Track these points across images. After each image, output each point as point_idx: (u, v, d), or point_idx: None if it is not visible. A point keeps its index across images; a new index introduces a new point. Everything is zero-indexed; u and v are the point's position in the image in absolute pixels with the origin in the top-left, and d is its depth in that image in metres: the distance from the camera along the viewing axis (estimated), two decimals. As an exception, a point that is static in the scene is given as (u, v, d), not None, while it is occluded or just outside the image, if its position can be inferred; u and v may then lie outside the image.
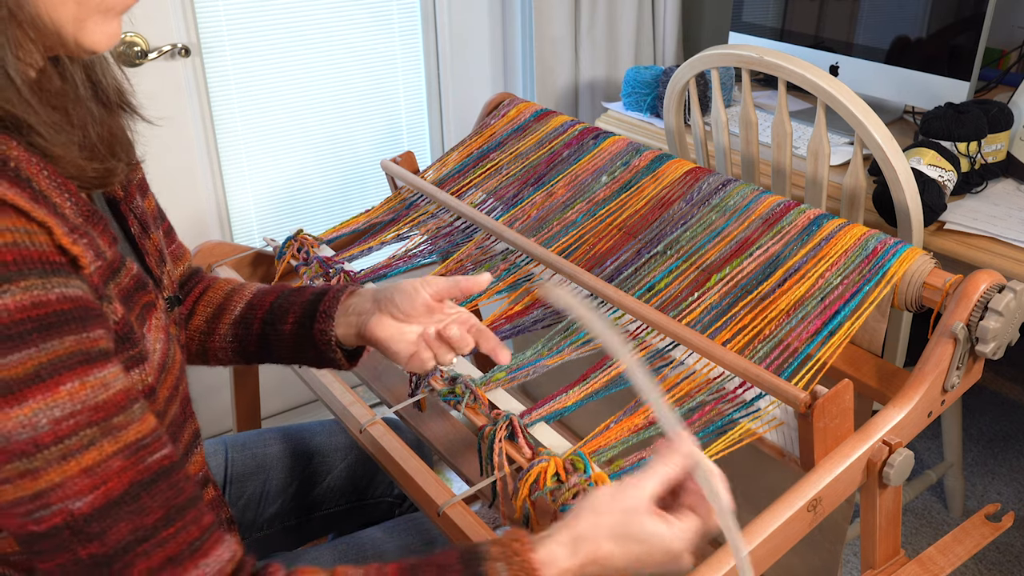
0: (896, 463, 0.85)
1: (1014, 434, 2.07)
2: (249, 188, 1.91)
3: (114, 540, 0.58)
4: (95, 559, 0.58)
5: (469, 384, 0.95)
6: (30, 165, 0.59)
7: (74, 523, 0.56)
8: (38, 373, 0.54)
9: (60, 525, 0.56)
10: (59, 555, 0.57)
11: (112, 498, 0.57)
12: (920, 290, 0.94)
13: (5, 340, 0.53)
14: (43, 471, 0.55)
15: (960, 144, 1.40)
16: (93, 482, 0.57)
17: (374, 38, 1.95)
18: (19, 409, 0.54)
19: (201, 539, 0.62)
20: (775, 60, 1.28)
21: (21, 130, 0.59)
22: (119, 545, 0.58)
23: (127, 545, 0.58)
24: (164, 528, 0.60)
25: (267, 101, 1.86)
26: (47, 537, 0.57)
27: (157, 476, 0.60)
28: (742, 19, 1.98)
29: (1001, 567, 1.70)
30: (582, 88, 2.15)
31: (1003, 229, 1.33)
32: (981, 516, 1.04)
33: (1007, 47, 1.90)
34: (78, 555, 0.57)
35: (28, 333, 0.54)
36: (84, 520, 0.57)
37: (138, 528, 0.59)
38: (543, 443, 0.88)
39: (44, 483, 0.55)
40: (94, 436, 0.57)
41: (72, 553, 0.57)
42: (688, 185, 1.16)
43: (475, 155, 1.41)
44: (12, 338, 0.53)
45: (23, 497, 0.56)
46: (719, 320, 0.97)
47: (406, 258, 1.26)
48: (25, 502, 0.56)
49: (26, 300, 0.54)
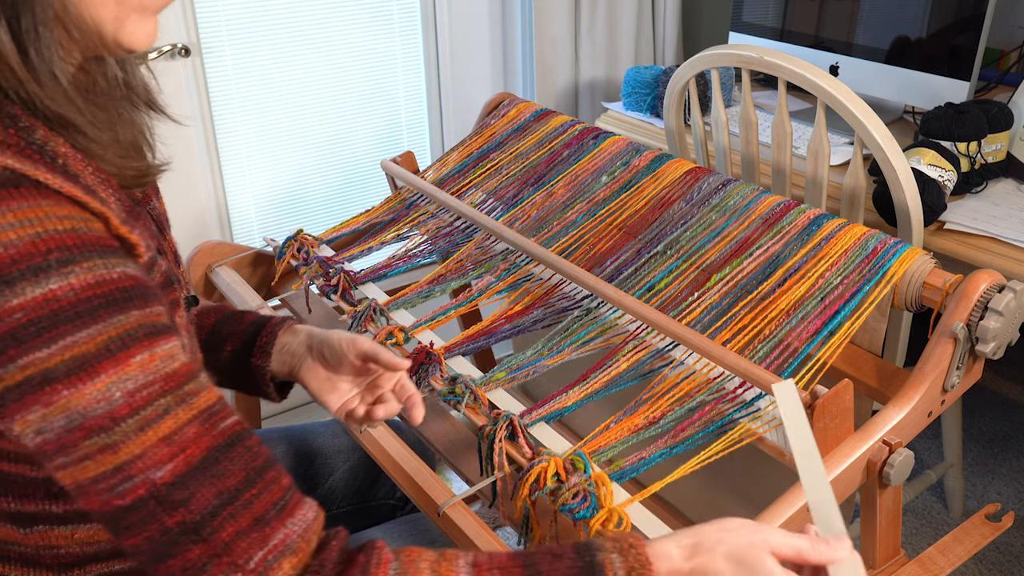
0: (896, 463, 0.85)
1: (1014, 434, 2.07)
2: (249, 188, 1.91)
3: (200, 505, 0.59)
4: (184, 526, 0.58)
5: (469, 384, 0.95)
6: (76, 162, 0.61)
7: (158, 492, 0.57)
8: (108, 347, 0.56)
9: (145, 496, 0.57)
10: (147, 527, 0.58)
11: (192, 464, 0.59)
12: (920, 290, 0.94)
13: (74, 318, 0.55)
14: (122, 444, 0.56)
15: (960, 144, 1.40)
16: (172, 450, 0.58)
17: (374, 38, 1.95)
18: (92, 385, 0.55)
19: (284, 499, 0.63)
20: (775, 60, 1.28)
21: (66, 128, 0.61)
22: (206, 510, 0.59)
23: (213, 509, 0.59)
24: (247, 490, 0.61)
25: (267, 101, 1.86)
26: (133, 510, 0.58)
27: (232, 440, 0.61)
28: (742, 19, 1.98)
29: (1001, 567, 1.70)
30: (582, 88, 2.16)
31: (1003, 229, 1.33)
32: (981, 516, 1.04)
33: (1007, 47, 1.90)
34: (166, 524, 0.58)
35: (96, 309, 0.55)
36: (167, 488, 0.58)
37: (222, 492, 0.60)
38: (543, 443, 0.88)
39: (124, 455, 0.56)
40: (168, 405, 0.58)
41: (160, 523, 0.58)
42: (688, 185, 1.16)
43: (475, 155, 1.41)
44: (81, 315, 0.55)
45: (105, 472, 0.57)
46: (719, 320, 0.97)
47: (406, 258, 1.26)
48: (107, 477, 0.57)
49: (91, 278, 0.56)
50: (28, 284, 0.54)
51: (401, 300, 1.15)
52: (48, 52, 0.58)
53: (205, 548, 0.59)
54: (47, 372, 0.54)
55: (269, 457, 0.63)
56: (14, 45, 0.56)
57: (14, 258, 0.54)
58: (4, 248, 0.54)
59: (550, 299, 1.10)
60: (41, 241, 0.55)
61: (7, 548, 0.68)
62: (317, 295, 1.27)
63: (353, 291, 1.19)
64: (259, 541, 0.61)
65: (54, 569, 0.69)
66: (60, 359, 0.54)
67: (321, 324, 1.26)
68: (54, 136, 0.60)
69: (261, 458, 0.63)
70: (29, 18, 0.56)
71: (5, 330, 0.54)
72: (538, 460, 0.83)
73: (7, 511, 0.65)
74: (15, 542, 0.67)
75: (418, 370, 1.00)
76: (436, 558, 0.65)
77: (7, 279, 0.54)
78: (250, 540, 0.60)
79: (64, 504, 0.66)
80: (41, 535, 0.67)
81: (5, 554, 0.68)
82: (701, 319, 0.98)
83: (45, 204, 0.56)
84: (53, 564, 0.69)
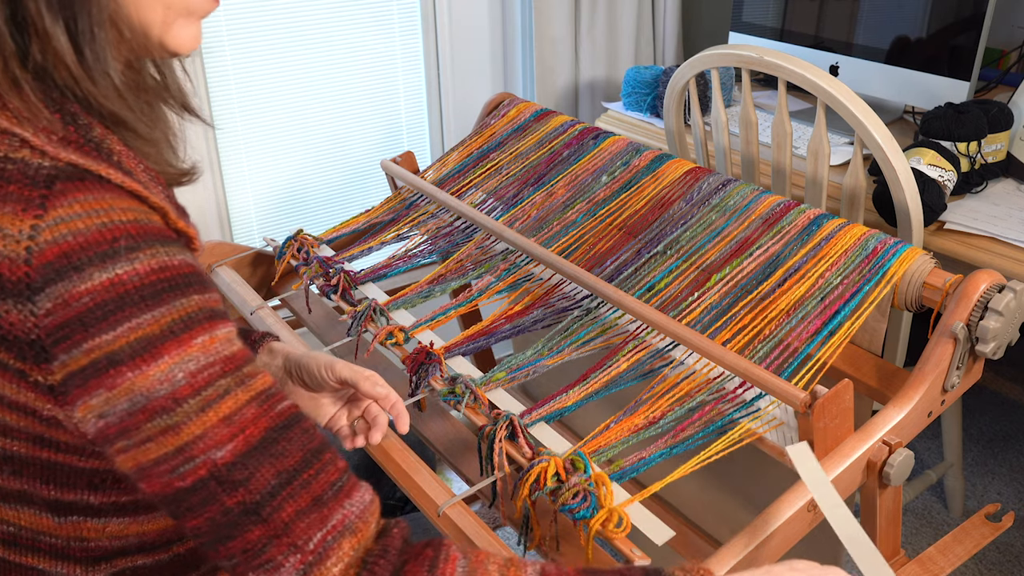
0: (896, 463, 0.85)
1: (1014, 434, 2.07)
2: (249, 188, 1.91)
3: (260, 485, 0.60)
4: (244, 506, 0.59)
5: (469, 384, 0.95)
6: (129, 159, 0.63)
7: (218, 473, 0.59)
8: (172, 329, 0.57)
9: (206, 477, 0.58)
10: (208, 508, 0.59)
11: (252, 444, 0.60)
12: (920, 290, 0.94)
13: (139, 301, 0.57)
14: (184, 424, 0.58)
15: (960, 144, 1.40)
16: (232, 431, 0.59)
17: (374, 38, 1.95)
18: (156, 366, 0.57)
19: (341, 480, 0.64)
20: (775, 60, 1.28)
21: (119, 126, 0.63)
22: (266, 490, 0.60)
23: (273, 489, 0.60)
24: (305, 470, 0.62)
25: (267, 101, 1.86)
26: (194, 491, 0.59)
27: (289, 422, 0.62)
28: (742, 19, 1.98)
29: (1001, 567, 1.70)
30: (582, 88, 2.16)
31: (1003, 229, 1.33)
32: (981, 516, 1.04)
33: (1007, 47, 1.90)
34: (226, 505, 0.59)
35: (159, 293, 0.57)
36: (227, 468, 0.59)
37: (281, 472, 0.60)
38: (543, 443, 0.88)
39: (186, 436, 0.58)
40: (228, 386, 0.59)
41: (220, 504, 0.59)
42: (688, 185, 1.16)
43: (475, 155, 1.41)
44: (145, 298, 0.57)
45: (167, 453, 0.58)
46: (719, 320, 0.97)
47: (406, 258, 1.26)
48: (169, 458, 0.58)
49: (154, 264, 0.58)
50: (96, 270, 0.56)
51: (401, 300, 1.15)
52: (103, 52, 0.60)
53: (265, 529, 0.60)
54: (112, 355, 0.56)
55: (324, 440, 0.64)
56: (71, 45, 0.58)
57: (82, 245, 0.56)
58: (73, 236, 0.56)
59: (550, 299, 1.10)
60: (107, 230, 0.57)
61: (38, 539, 0.68)
62: (317, 295, 1.27)
63: (353, 291, 1.19)
64: (318, 521, 0.61)
65: (82, 562, 0.70)
66: (125, 341, 0.56)
67: (321, 324, 1.26)
68: (109, 134, 0.62)
69: (317, 440, 0.64)
70: (85, 19, 0.58)
71: (72, 315, 0.55)
72: (538, 460, 0.83)
73: (47, 498, 0.66)
74: (47, 532, 0.68)
75: (418, 370, 1.00)
76: (504, 562, 0.66)
77: (76, 265, 0.55)
78: (309, 520, 0.61)
79: (102, 495, 0.67)
80: (74, 526, 0.68)
81: (36, 545, 0.69)
82: (701, 319, 0.98)
83: (109, 197, 0.58)
84: (82, 557, 0.70)
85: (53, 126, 0.59)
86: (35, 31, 0.58)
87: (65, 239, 0.56)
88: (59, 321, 0.56)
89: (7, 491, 0.66)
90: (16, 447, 0.63)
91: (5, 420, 0.62)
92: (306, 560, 0.60)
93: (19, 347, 0.57)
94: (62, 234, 0.56)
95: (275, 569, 0.60)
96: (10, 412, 0.61)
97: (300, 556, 0.60)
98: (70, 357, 0.56)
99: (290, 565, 0.60)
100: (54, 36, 0.58)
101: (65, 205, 0.56)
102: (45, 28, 0.57)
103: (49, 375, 0.57)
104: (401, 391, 1.15)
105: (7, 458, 0.64)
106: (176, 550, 0.75)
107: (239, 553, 0.60)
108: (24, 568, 0.69)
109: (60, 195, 0.57)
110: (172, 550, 0.75)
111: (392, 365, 1.14)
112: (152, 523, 0.71)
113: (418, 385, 1.01)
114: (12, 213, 0.56)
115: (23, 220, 0.56)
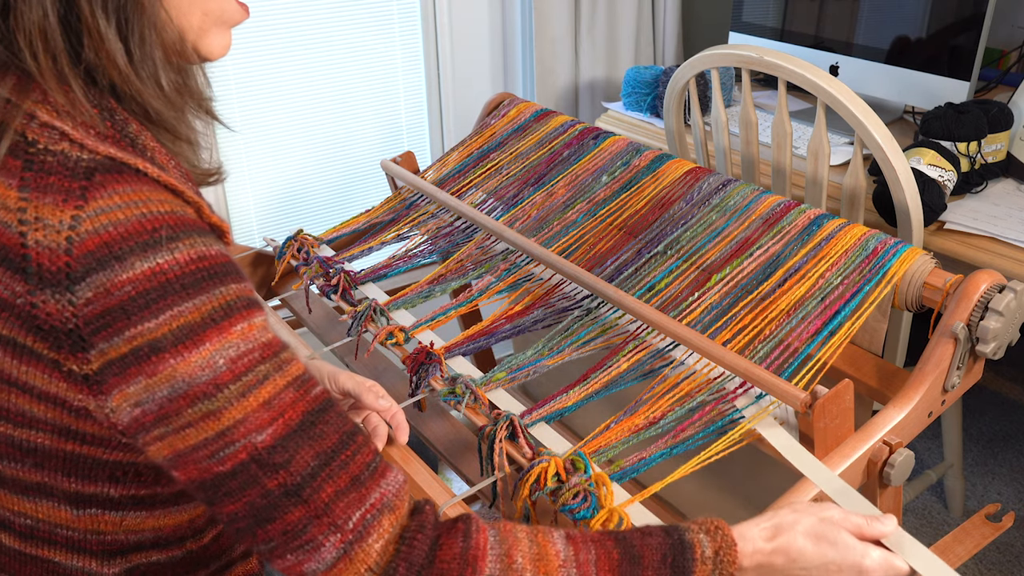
0: (896, 463, 0.85)
1: (1014, 434, 2.07)
2: (249, 188, 1.91)
3: (300, 467, 0.61)
4: (285, 488, 0.60)
5: (469, 384, 0.95)
6: (162, 155, 0.65)
7: (259, 456, 0.60)
8: (212, 316, 0.59)
9: (246, 460, 0.59)
10: (247, 492, 0.60)
11: (291, 427, 0.61)
12: (920, 290, 0.94)
13: (180, 290, 0.58)
14: (225, 409, 0.59)
15: (960, 144, 1.40)
16: (272, 415, 0.60)
17: (374, 38, 1.95)
18: (198, 353, 0.58)
19: (375, 461, 0.65)
20: (775, 60, 1.28)
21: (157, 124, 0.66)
22: (306, 471, 0.61)
23: (313, 470, 0.61)
24: (342, 451, 0.63)
25: (267, 101, 1.86)
26: (233, 475, 0.60)
27: (324, 406, 0.64)
28: (742, 19, 1.98)
29: (1001, 567, 1.70)
30: (582, 88, 2.15)
31: (1003, 229, 1.33)
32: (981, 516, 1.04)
33: (1007, 47, 1.90)
34: (267, 487, 0.60)
35: (200, 282, 0.59)
36: (268, 452, 0.60)
37: (320, 453, 0.62)
38: (543, 443, 0.88)
39: (227, 421, 0.59)
40: (267, 371, 0.61)
41: (261, 486, 0.60)
42: (688, 185, 1.16)
43: (475, 155, 1.41)
44: (186, 287, 0.58)
45: (207, 438, 0.59)
46: (719, 320, 0.97)
47: (406, 258, 1.26)
48: (209, 443, 0.59)
49: (193, 254, 0.59)
50: (138, 259, 0.57)
51: (401, 300, 1.15)
52: (151, 51, 0.63)
53: (306, 509, 0.61)
54: (155, 342, 0.57)
55: (356, 424, 0.66)
56: (122, 46, 0.61)
57: (123, 235, 0.57)
58: (114, 226, 0.57)
59: (550, 299, 1.10)
60: (148, 220, 0.58)
61: (56, 532, 0.69)
62: (317, 295, 1.27)
63: (353, 291, 1.19)
64: (357, 501, 0.63)
65: (98, 556, 0.71)
66: (168, 328, 0.57)
67: (321, 324, 1.26)
68: (144, 131, 0.64)
69: (350, 423, 0.65)
70: (135, 22, 0.61)
71: (115, 303, 0.57)
72: (538, 460, 0.83)
73: (67, 490, 0.67)
74: (65, 525, 0.69)
75: (418, 370, 1.00)
76: (531, 529, 0.68)
77: (118, 255, 0.57)
78: (348, 500, 0.62)
79: (122, 488, 0.68)
80: (92, 519, 0.69)
81: (53, 538, 0.69)
82: (701, 319, 0.98)
83: (146, 189, 0.59)
84: (98, 551, 0.70)
85: (92, 121, 0.61)
86: (88, 32, 0.60)
87: (106, 229, 0.57)
88: (100, 310, 0.57)
89: (27, 483, 0.67)
90: (40, 439, 0.64)
91: (32, 411, 0.62)
92: (346, 539, 0.62)
93: (55, 336, 0.58)
94: (103, 224, 0.57)
95: (315, 549, 0.61)
96: (38, 403, 0.62)
97: (340, 535, 0.61)
98: (110, 345, 0.57)
99: (330, 544, 0.61)
100: (107, 38, 0.60)
101: (105, 196, 0.57)
102: (99, 30, 0.59)
103: (85, 364, 0.58)
104: (401, 391, 1.15)
105: (30, 450, 0.65)
106: (189, 547, 0.76)
107: (278, 535, 0.61)
108: (40, 561, 0.70)
109: (100, 186, 0.58)
110: (185, 546, 0.76)
111: (392, 365, 1.14)
112: (168, 518, 0.72)
113: (418, 385, 1.01)
114: (52, 204, 0.57)
115: (63, 211, 0.57)
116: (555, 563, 0.66)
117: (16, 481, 0.67)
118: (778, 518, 0.71)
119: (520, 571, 0.65)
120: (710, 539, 0.68)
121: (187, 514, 0.74)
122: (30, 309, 0.58)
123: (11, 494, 0.68)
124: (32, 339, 0.59)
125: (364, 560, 0.62)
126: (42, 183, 0.58)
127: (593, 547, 0.67)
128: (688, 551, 0.67)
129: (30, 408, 0.62)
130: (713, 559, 0.68)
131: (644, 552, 0.67)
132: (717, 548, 0.68)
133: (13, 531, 0.70)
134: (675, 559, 0.67)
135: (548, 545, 0.67)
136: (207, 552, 0.78)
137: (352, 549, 0.62)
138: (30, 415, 0.63)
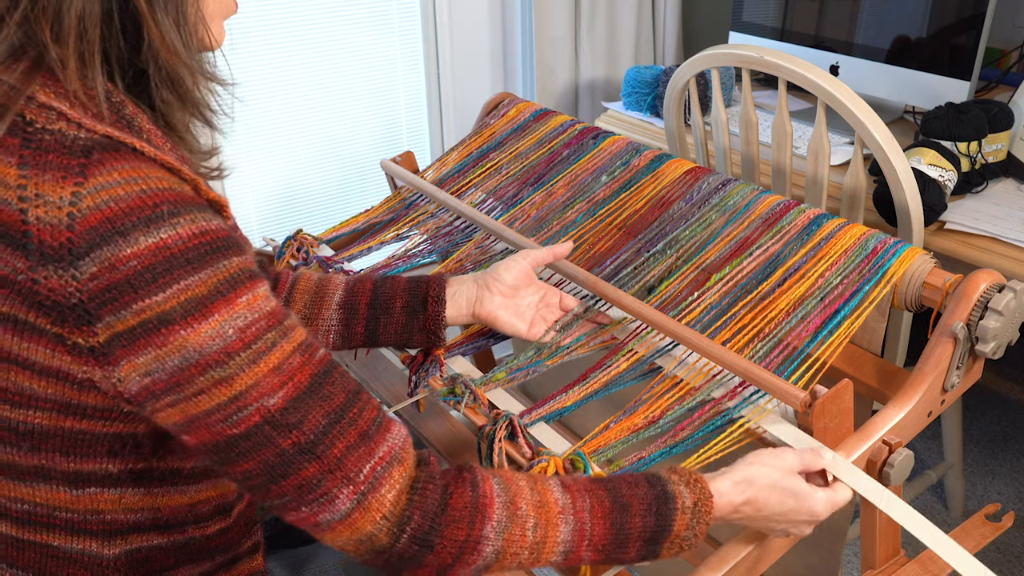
0: (896, 463, 0.85)
1: (1014, 434, 2.07)
2: (249, 188, 1.91)
3: (312, 426, 0.64)
4: (299, 447, 0.63)
5: (469, 384, 0.95)
6: (158, 138, 0.67)
7: (272, 418, 0.62)
8: (219, 289, 0.61)
9: (260, 422, 0.62)
10: (261, 451, 0.63)
11: (301, 390, 0.64)
12: (920, 290, 0.94)
13: (185, 264, 0.60)
14: (237, 376, 0.61)
15: (960, 144, 1.40)
16: (282, 379, 0.63)
17: (374, 38, 1.95)
18: (207, 324, 0.60)
19: (380, 416, 0.68)
20: (775, 60, 1.28)
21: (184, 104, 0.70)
22: (318, 429, 0.64)
23: (324, 428, 0.64)
24: (350, 409, 0.66)
25: (267, 101, 1.86)
26: (247, 437, 0.62)
27: (329, 368, 0.66)
28: (742, 19, 1.98)
29: (1001, 567, 1.70)
30: (582, 88, 2.15)
31: (1003, 229, 1.33)
32: (981, 516, 1.04)
33: (1007, 47, 1.90)
34: (282, 446, 0.63)
35: (203, 256, 0.61)
36: (280, 413, 0.63)
37: (329, 412, 0.65)
38: (543, 443, 0.88)
39: (239, 386, 0.61)
40: (275, 338, 0.63)
41: (275, 446, 0.63)
42: (688, 185, 1.16)
43: (475, 155, 1.41)
44: (191, 261, 0.60)
45: (220, 403, 0.61)
46: (719, 320, 0.97)
47: (406, 258, 1.26)
48: (222, 408, 0.61)
49: (195, 228, 0.61)
50: (141, 234, 0.58)
51: (401, 300, 1.15)
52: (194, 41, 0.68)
53: (320, 465, 0.63)
54: (164, 315, 0.59)
55: (358, 382, 0.68)
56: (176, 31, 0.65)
57: (125, 211, 0.58)
58: (116, 202, 0.58)
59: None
60: (148, 196, 0.59)
61: (54, 515, 0.70)
62: (317, 295, 1.26)
63: (353, 291, 1.19)
64: (367, 454, 0.65)
65: (98, 537, 0.71)
66: (176, 301, 0.59)
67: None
68: (140, 113, 0.66)
69: (353, 382, 0.68)
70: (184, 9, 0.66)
71: (121, 278, 0.58)
72: (538, 460, 0.83)
73: (64, 471, 0.68)
74: (64, 507, 0.69)
75: (418, 370, 1.00)
76: (529, 477, 0.72)
77: (121, 230, 0.58)
78: (359, 454, 0.65)
79: (120, 462, 0.69)
80: (91, 498, 0.69)
81: (51, 522, 0.70)
82: (701, 319, 0.98)
83: (144, 167, 0.61)
84: (98, 531, 0.71)
85: (89, 102, 0.62)
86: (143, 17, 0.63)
87: (108, 205, 0.58)
88: (104, 284, 0.58)
89: (23, 467, 0.67)
90: (39, 418, 0.65)
91: (32, 388, 0.63)
92: (359, 490, 0.64)
93: (58, 311, 0.59)
94: (104, 200, 0.58)
95: (330, 501, 0.64)
96: (39, 379, 0.63)
97: (352, 487, 0.64)
98: (117, 319, 0.58)
99: (344, 496, 0.64)
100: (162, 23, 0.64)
101: (104, 173, 0.59)
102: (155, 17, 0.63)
103: (91, 337, 0.59)
104: (400, 391, 1.15)
105: (27, 432, 0.66)
106: (192, 533, 0.76)
107: (292, 490, 0.64)
108: (39, 546, 0.70)
109: (98, 164, 0.59)
110: (187, 532, 0.76)
111: (392, 365, 1.14)
112: (165, 498, 0.73)
113: (418, 385, 1.01)
114: (52, 180, 0.58)
115: (63, 187, 0.58)
116: (555, 510, 0.70)
117: (12, 466, 0.67)
118: (747, 471, 0.76)
119: (524, 518, 0.69)
120: (690, 491, 0.73)
121: (186, 497, 0.74)
122: (31, 285, 0.58)
123: (7, 480, 0.68)
124: (34, 315, 0.60)
125: (379, 509, 0.65)
126: (41, 160, 0.59)
127: (587, 496, 0.72)
128: (671, 501, 0.73)
129: (30, 385, 0.63)
130: (692, 509, 0.73)
131: (632, 501, 0.72)
132: (696, 499, 0.73)
133: (10, 518, 0.70)
134: (659, 508, 0.72)
135: (547, 492, 0.71)
136: (211, 543, 0.78)
137: (366, 499, 0.65)
138: (30, 392, 0.64)
